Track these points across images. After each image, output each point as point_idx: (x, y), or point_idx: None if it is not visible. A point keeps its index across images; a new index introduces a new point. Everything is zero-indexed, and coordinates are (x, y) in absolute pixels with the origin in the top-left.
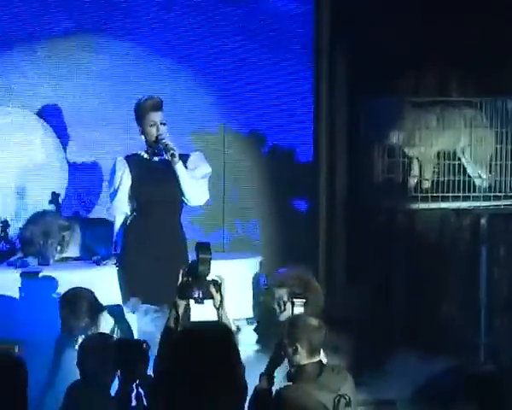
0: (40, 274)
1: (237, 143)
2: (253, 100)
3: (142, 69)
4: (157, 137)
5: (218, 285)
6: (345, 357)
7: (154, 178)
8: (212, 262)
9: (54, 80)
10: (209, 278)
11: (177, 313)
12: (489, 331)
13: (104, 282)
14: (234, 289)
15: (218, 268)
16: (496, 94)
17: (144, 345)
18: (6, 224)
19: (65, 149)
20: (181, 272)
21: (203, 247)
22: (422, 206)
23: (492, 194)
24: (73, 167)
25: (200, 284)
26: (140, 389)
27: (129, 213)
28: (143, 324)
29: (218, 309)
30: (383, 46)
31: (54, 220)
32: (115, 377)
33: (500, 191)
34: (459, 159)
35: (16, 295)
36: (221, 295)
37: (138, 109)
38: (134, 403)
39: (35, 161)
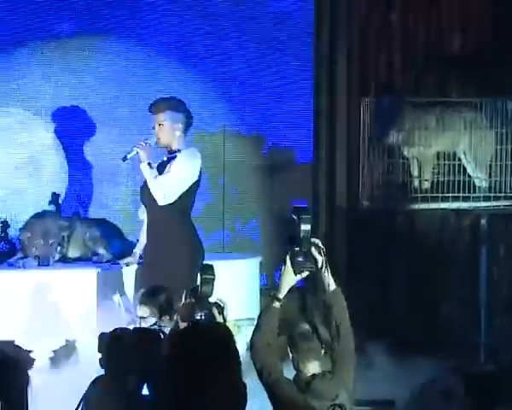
0: (40, 275)
1: (237, 143)
2: (254, 100)
3: (144, 70)
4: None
5: (220, 308)
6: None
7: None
8: (213, 263)
9: (55, 81)
10: (212, 300)
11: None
12: (489, 331)
13: (105, 282)
14: (234, 289)
15: (218, 269)
16: (496, 94)
17: (160, 334)
18: (6, 224)
19: (65, 150)
20: (184, 293)
21: (206, 267)
22: (422, 206)
23: (492, 194)
24: (73, 168)
25: (202, 305)
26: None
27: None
28: None
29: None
30: (383, 46)
31: (54, 221)
32: (136, 374)
33: (500, 192)
34: (459, 159)
35: (16, 295)
36: (224, 317)
37: None
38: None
39: (35, 162)
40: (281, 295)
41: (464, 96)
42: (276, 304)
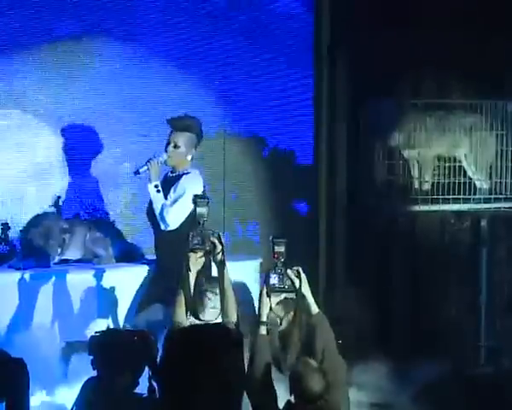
0: (40, 276)
1: (237, 145)
2: (254, 103)
3: (144, 72)
4: None
5: (218, 235)
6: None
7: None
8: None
9: (55, 83)
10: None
11: (188, 267)
12: (489, 333)
13: (105, 284)
14: (234, 290)
15: None
16: (496, 96)
17: (151, 336)
18: (6, 226)
19: (65, 152)
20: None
21: (199, 195)
22: (423, 208)
23: (493, 196)
24: (74, 170)
25: (199, 231)
26: (153, 382)
27: None
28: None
29: (218, 261)
30: (383, 48)
31: (54, 222)
32: (128, 374)
33: (500, 193)
34: (459, 161)
35: (16, 297)
36: (222, 245)
37: None
38: (147, 395)
39: (36, 164)
40: (263, 319)
41: (464, 98)
42: (263, 329)
